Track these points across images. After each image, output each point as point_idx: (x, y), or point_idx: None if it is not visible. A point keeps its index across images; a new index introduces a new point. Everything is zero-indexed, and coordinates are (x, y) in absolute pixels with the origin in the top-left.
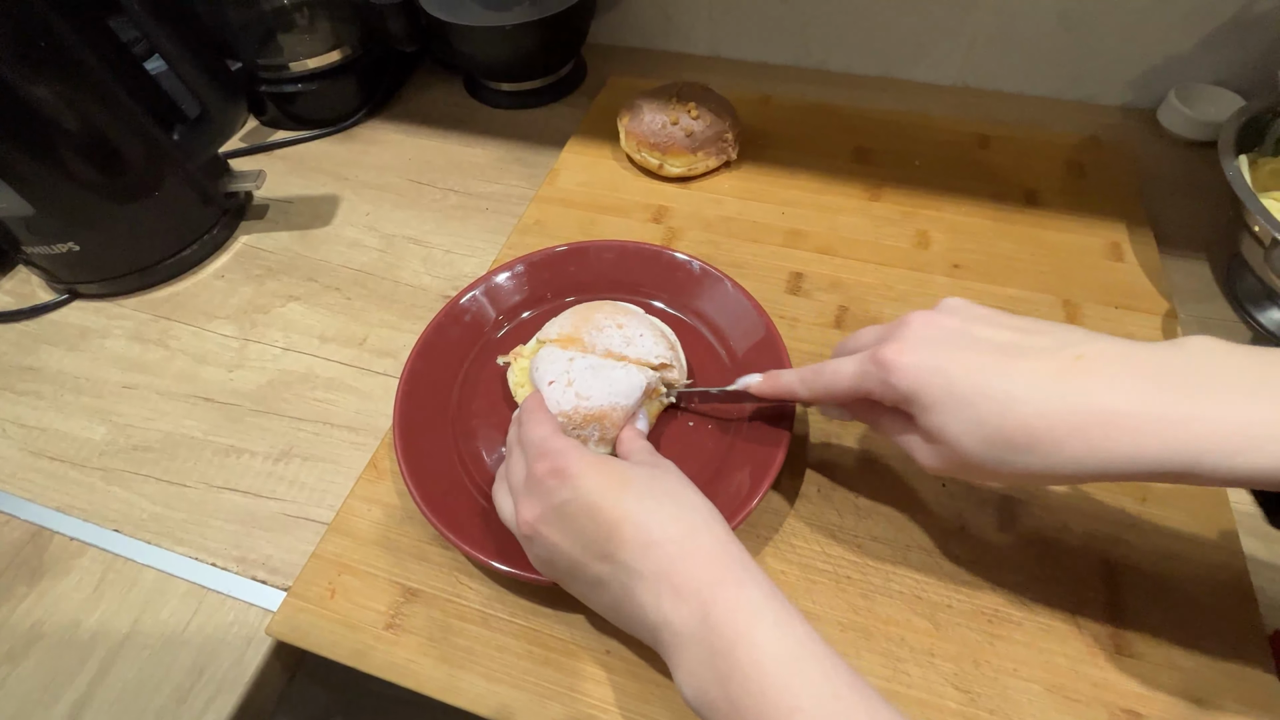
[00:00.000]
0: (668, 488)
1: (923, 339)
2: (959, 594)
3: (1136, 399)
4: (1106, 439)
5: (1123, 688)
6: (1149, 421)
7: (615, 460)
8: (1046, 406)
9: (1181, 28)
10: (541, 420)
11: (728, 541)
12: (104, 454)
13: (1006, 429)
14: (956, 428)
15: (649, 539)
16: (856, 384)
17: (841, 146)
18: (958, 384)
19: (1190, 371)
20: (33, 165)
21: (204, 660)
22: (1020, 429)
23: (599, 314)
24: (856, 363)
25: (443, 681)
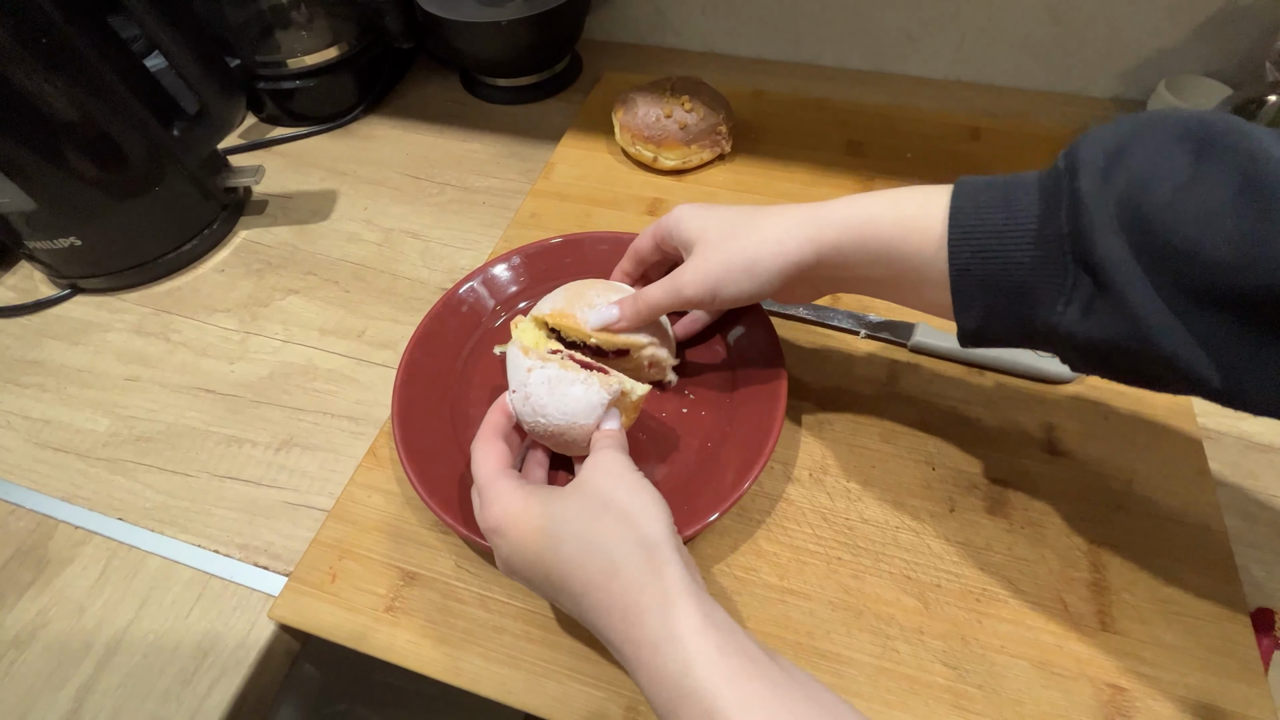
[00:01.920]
0: (579, 529)
1: (695, 207)
2: (948, 574)
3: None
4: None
5: (1108, 663)
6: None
7: (538, 503)
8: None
9: (1170, 19)
10: (486, 454)
11: (642, 576)
12: (108, 445)
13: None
14: (711, 258)
15: (576, 590)
16: (652, 240)
17: (834, 140)
18: (711, 231)
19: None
20: (34, 161)
21: (208, 644)
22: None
23: (591, 290)
24: (650, 228)
25: (442, 662)
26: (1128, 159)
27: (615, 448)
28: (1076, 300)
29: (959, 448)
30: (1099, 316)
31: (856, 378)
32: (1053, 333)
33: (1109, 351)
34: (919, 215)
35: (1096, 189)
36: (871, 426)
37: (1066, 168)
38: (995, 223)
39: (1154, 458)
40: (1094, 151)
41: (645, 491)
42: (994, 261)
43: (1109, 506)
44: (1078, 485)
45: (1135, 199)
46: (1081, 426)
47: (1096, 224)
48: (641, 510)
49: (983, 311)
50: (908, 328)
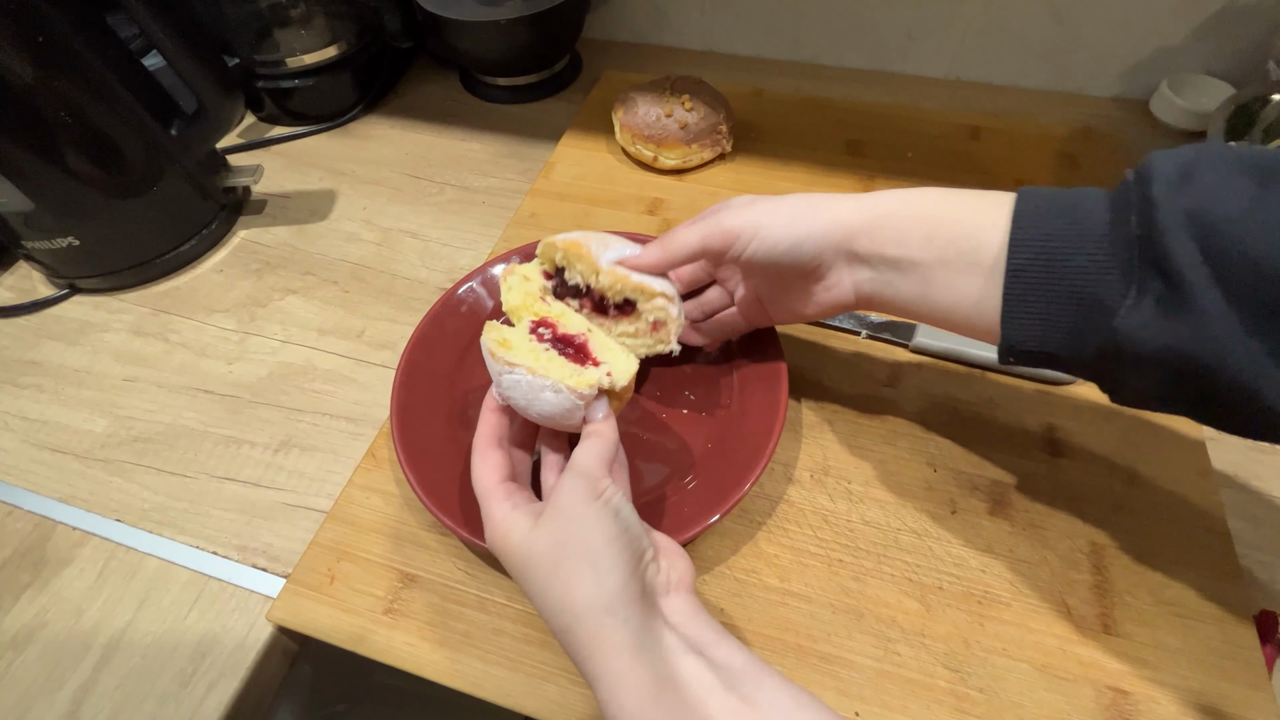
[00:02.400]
0: (543, 581)
1: (742, 201)
2: (949, 576)
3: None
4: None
5: (1110, 666)
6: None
7: (518, 535)
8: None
9: (1172, 18)
10: (480, 467)
11: (590, 644)
12: (106, 445)
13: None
14: (760, 240)
15: (554, 625)
16: (701, 238)
17: (834, 139)
18: (765, 224)
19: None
20: (32, 161)
21: (206, 646)
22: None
23: (612, 237)
24: (697, 223)
25: (440, 665)
26: (1196, 177)
27: (590, 459)
28: (1145, 303)
29: (960, 449)
30: (1168, 321)
31: (858, 378)
32: (1112, 346)
33: (1171, 366)
34: (979, 207)
35: (1169, 196)
36: (873, 428)
37: (1137, 179)
38: (1059, 227)
39: (1156, 459)
40: (1165, 166)
41: (602, 529)
42: (1056, 266)
43: (1111, 508)
44: (1080, 486)
45: (1205, 212)
46: (1083, 427)
47: (1169, 226)
48: (596, 560)
49: (1034, 320)
50: (909, 328)
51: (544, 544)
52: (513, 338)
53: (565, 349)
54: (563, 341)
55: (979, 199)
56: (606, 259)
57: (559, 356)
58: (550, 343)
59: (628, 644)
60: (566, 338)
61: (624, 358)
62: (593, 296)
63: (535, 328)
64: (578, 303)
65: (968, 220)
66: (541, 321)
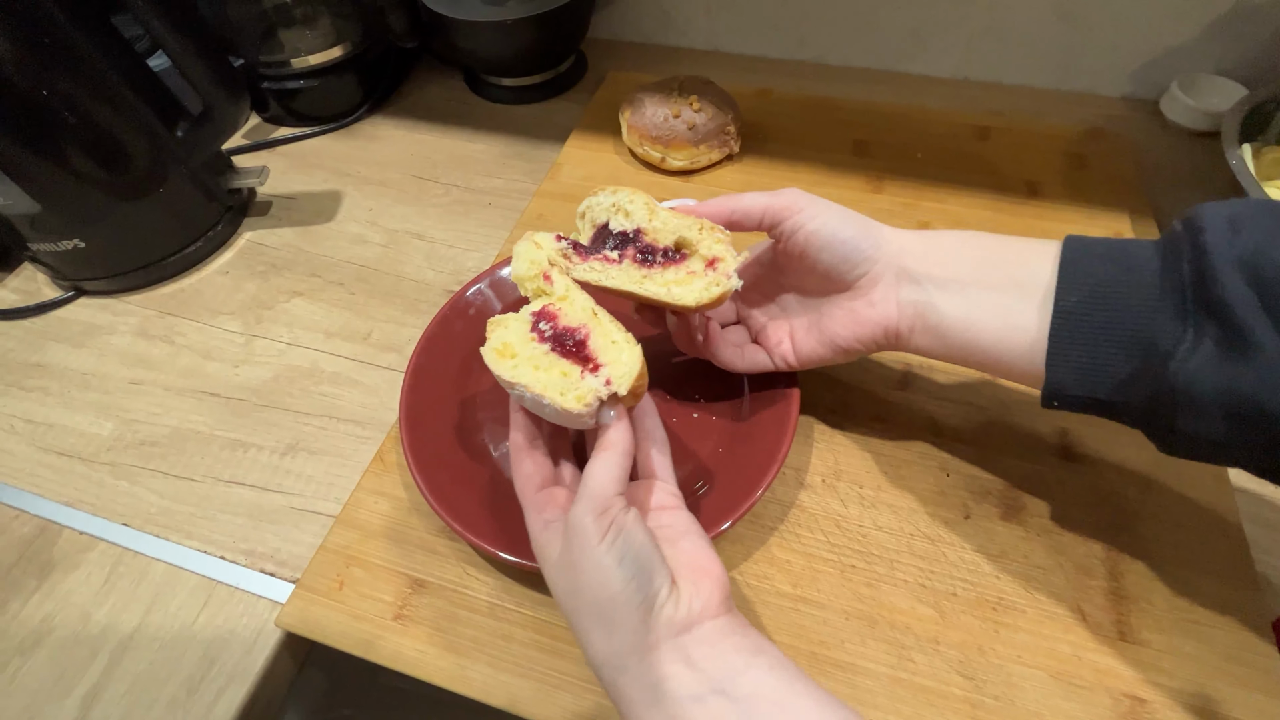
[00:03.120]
0: (572, 606)
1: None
2: (963, 582)
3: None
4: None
5: (1127, 674)
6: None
7: (551, 557)
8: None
9: (1182, 17)
10: (517, 474)
11: (617, 677)
12: (112, 449)
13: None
14: (821, 220)
15: (580, 644)
16: (766, 205)
17: (841, 140)
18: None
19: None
20: (38, 162)
21: (214, 652)
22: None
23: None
24: (763, 195)
25: (450, 671)
26: (1245, 229)
27: (598, 480)
28: (1203, 347)
29: (973, 453)
30: (1228, 363)
31: (869, 381)
32: (1167, 387)
33: (1233, 406)
34: (1030, 245)
35: (1220, 244)
36: (884, 432)
37: (1186, 229)
38: (1109, 272)
39: (1171, 463)
40: (1214, 217)
41: (608, 579)
42: (1106, 309)
43: (1126, 513)
44: (1094, 491)
45: (1259, 258)
46: (1096, 431)
47: (1223, 271)
48: (604, 615)
49: (1082, 364)
50: None
51: (563, 586)
52: (513, 340)
53: (566, 348)
54: (563, 337)
55: (1029, 240)
56: (667, 203)
57: (559, 360)
58: (550, 340)
59: (643, 700)
60: (567, 332)
61: (626, 353)
62: (639, 244)
63: (536, 322)
64: (618, 254)
65: (1020, 253)
66: (542, 313)
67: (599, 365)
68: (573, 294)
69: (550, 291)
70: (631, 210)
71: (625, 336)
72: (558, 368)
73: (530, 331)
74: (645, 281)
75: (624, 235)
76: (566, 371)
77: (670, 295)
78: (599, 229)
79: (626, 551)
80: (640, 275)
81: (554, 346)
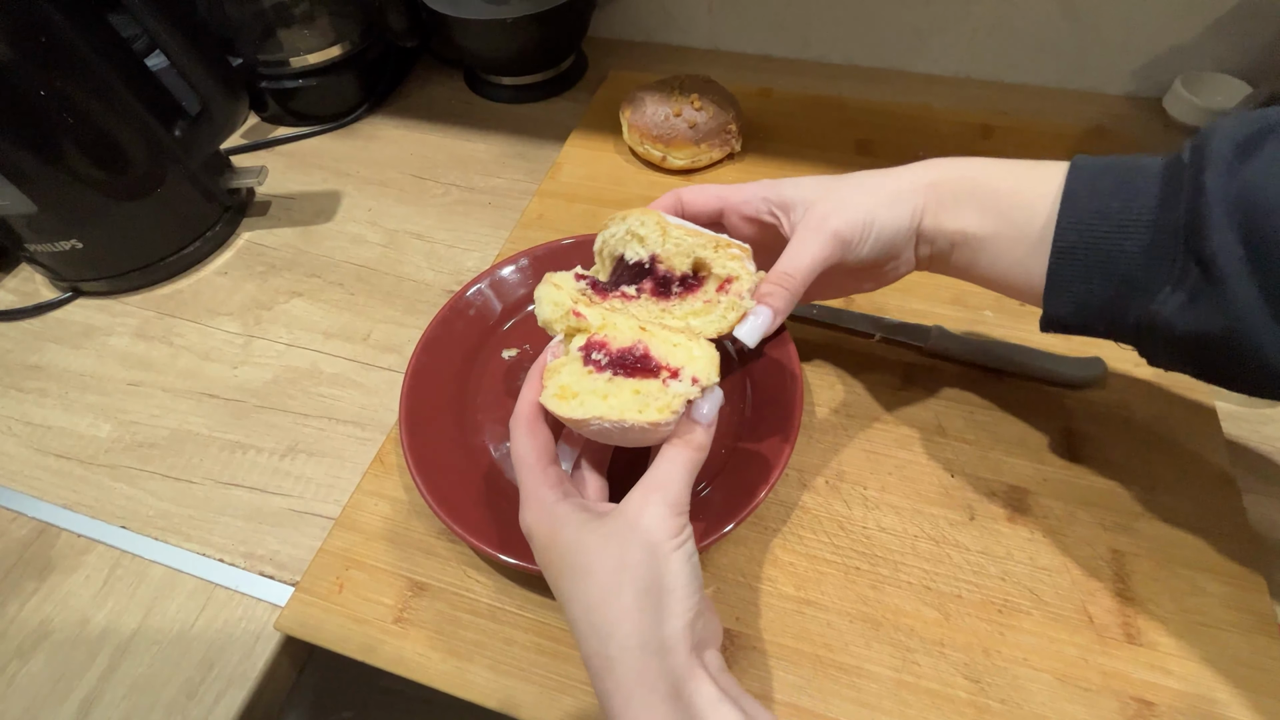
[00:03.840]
0: (593, 599)
1: (814, 188)
2: (968, 584)
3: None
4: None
5: (1133, 676)
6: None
7: (571, 530)
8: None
9: (1186, 15)
10: (526, 444)
11: (633, 688)
12: (110, 451)
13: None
14: (847, 194)
15: (580, 646)
16: (821, 257)
17: (844, 139)
18: (817, 186)
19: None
20: (35, 163)
21: (213, 655)
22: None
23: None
24: (806, 238)
25: (451, 675)
26: (1256, 154)
27: (678, 482)
28: (1182, 291)
29: (977, 453)
30: (1201, 309)
31: (872, 382)
32: (1148, 324)
33: (1203, 347)
34: (1032, 177)
35: (1219, 182)
36: (888, 432)
37: (1192, 160)
38: (1109, 209)
39: (1177, 462)
40: (1223, 145)
41: (679, 572)
42: (1102, 248)
43: (1132, 513)
44: (1099, 492)
45: (1254, 197)
46: (1102, 430)
47: (1214, 218)
48: (663, 600)
49: (1077, 297)
50: (924, 330)
51: (609, 562)
52: (570, 381)
53: (630, 366)
54: (623, 359)
55: (1032, 168)
56: (674, 221)
57: (625, 381)
58: (610, 367)
59: (667, 690)
60: (624, 353)
61: (699, 349)
62: (655, 275)
63: (587, 355)
64: (635, 289)
65: (1021, 189)
66: (590, 344)
67: (676, 371)
68: (611, 319)
69: (587, 326)
70: (644, 234)
71: (686, 336)
72: (626, 388)
73: (585, 366)
74: (664, 316)
75: (640, 266)
76: (638, 389)
77: (689, 329)
78: (618, 261)
79: (692, 555)
80: (659, 309)
81: (616, 371)
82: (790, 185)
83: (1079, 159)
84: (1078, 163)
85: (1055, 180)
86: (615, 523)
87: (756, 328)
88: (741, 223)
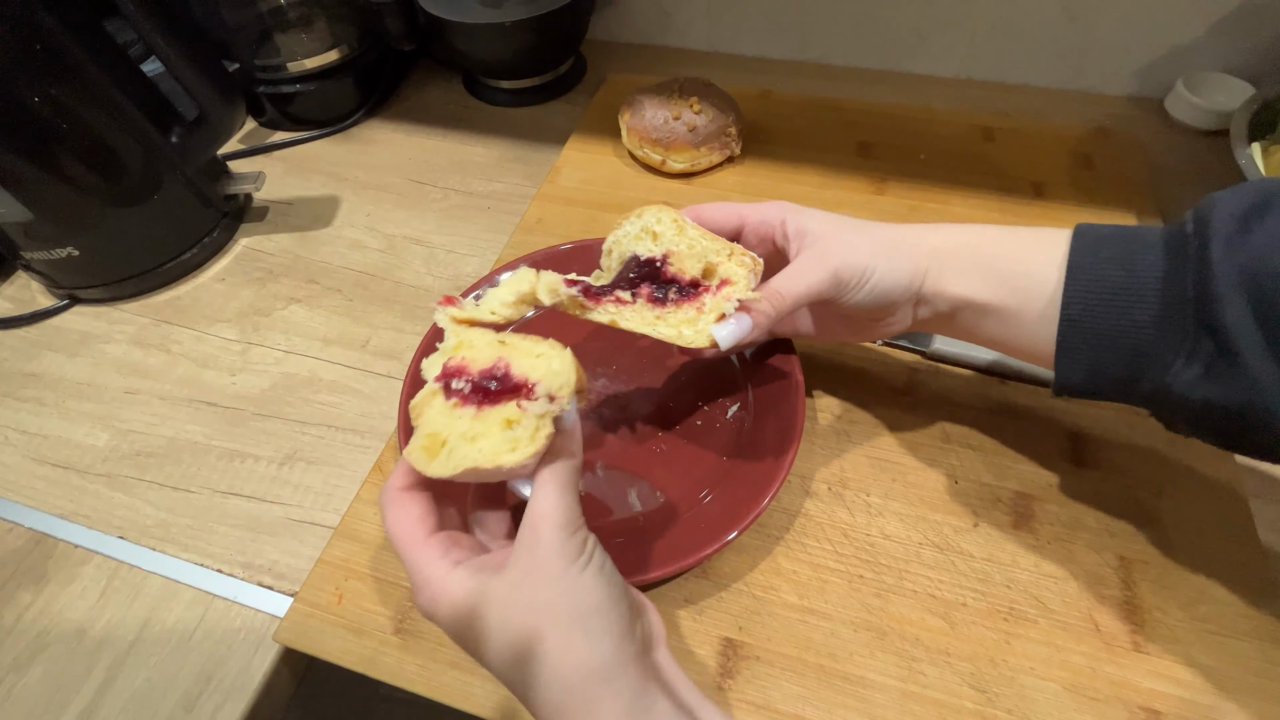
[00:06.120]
0: (515, 657)
1: (822, 222)
2: (974, 592)
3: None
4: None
5: (1142, 685)
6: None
7: (468, 605)
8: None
9: (1188, 15)
10: (399, 518)
11: (597, 690)
12: (107, 460)
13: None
14: (852, 238)
15: (537, 700)
16: (815, 289)
17: (844, 141)
18: (829, 223)
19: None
20: (30, 170)
21: (211, 667)
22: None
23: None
24: (805, 267)
25: (452, 686)
26: (1258, 227)
27: (561, 499)
28: (1196, 363)
29: (982, 459)
30: (1216, 381)
31: (874, 387)
32: (1162, 395)
33: (1220, 417)
34: (1036, 244)
35: (1225, 255)
36: (891, 438)
37: (1196, 232)
38: (1115, 279)
39: (1185, 469)
40: (1224, 217)
41: (592, 590)
42: (1110, 319)
43: (1139, 520)
44: (1106, 498)
45: (1260, 269)
46: (1108, 436)
47: (1224, 291)
48: (588, 625)
49: (1088, 366)
50: (927, 336)
51: (519, 611)
52: (436, 426)
53: (491, 390)
54: (482, 384)
55: (1036, 237)
56: (721, 338)
57: (491, 410)
58: (471, 396)
59: (623, 713)
60: (484, 375)
61: (556, 360)
62: (660, 277)
63: (447, 385)
64: (631, 293)
65: (1026, 258)
66: (447, 371)
67: (532, 387)
68: (467, 336)
69: (446, 347)
70: (660, 230)
71: (546, 345)
72: (494, 422)
73: (447, 399)
74: (658, 323)
75: (649, 264)
76: (510, 417)
77: (683, 338)
78: (627, 263)
79: (603, 565)
80: (654, 316)
81: (480, 400)
82: (809, 215)
83: (1081, 227)
84: (1081, 230)
85: (1060, 248)
86: (516, 568)
87: (733, 333)
88: (757, 242)
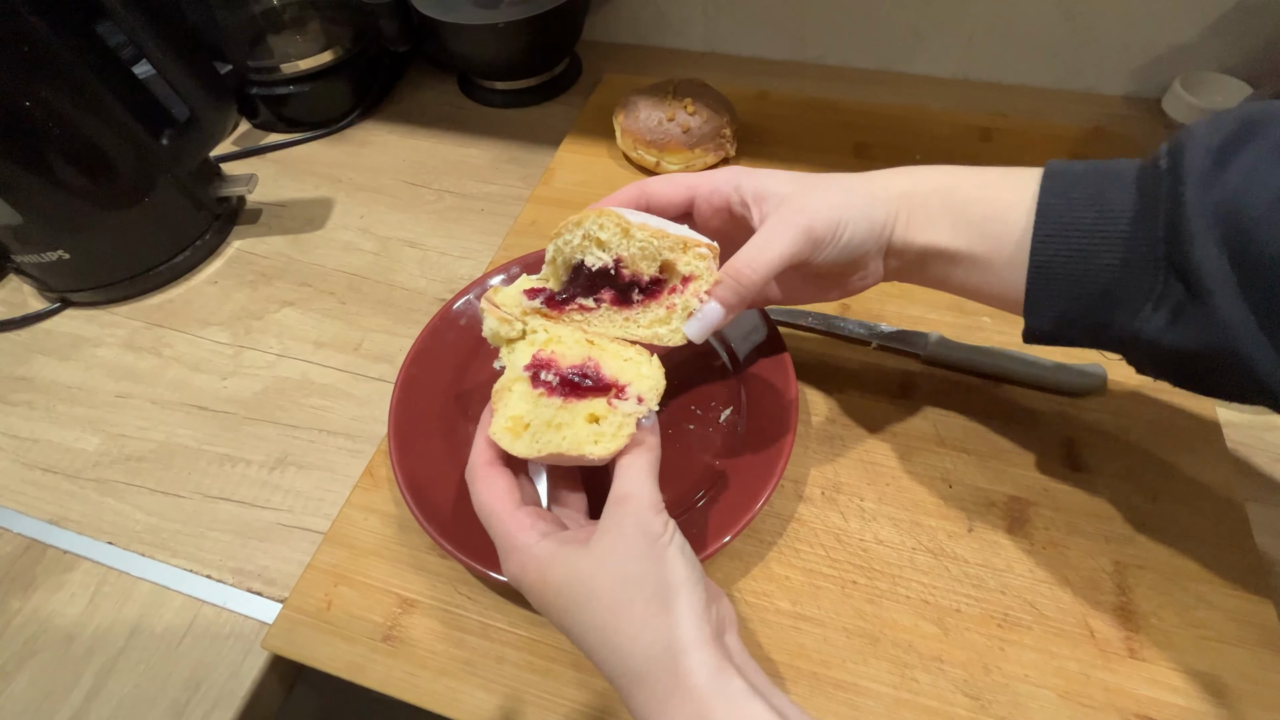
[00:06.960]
0: (603, 620)
1: (783, 183)
2: (967, 598)
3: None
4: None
5: (1137, 692)
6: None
7: (561, 567)
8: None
9: (1185, 15)
10: (489, 490)
11: (668, 689)
12: (98, 465)
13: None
14: (824, 194)
15: (607, 673)
16: (790, 253)
17: (841, 142)
18: (792, 182)
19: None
20: (20, 173)
21: (200, 674)
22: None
23: (628, 210)
24: (775, 231)
25: (442, 694)
26: (1231, 164)
27: (645, 484)
28: (1164, 307)
29: (976, 463)
30: (1186, 325)
31: (868, 390)
32: (1131, 339)
33: (1190, 361)
34: (1006, 186)
35: (1199, 195)
36: (885, 442)
37: (1169, 169)
38: (1085, 221)
39: (1179, 472)
40: (1200, 150)
41: (674, 567)
42: (1078, 262)
43: (1134, 525)
44: (1101, 502)
45: (1234, 208)
46: (1103, 440)
47: (1195, 232)
48: (672, 599)
49: (1057, 313)
50: (921, 337)
51: (607, 583)
52: (521, 410)
53: (580, 386)
54: (572, 382)
55: (1007, 177)
56: (635, 219)
57: (577, 404)
58: (560, 389)
59: (704, 689)
60: (574, 371)
61: (645, 365)
62: (619, 280)
63: (535, 375)
64: (594, 300)
65: (995, 199)
66: (536, 362)
67: (623, 388)
68: (556, 331)
69: (533, 339)
70: (605, 237)
71: (633, 350)
72: (579, 415)
73: (534, 388)
74: (628, 325)
75: (603, 272)
76: (592, 414)
77: (656, 337)
78: (574, 269)
79: (684, 547)
80: (622, 319)
81: (566, 394)
82: (767, 176)
83: (1053, 164)
84: (1052, 169)
85: (1029, 189)
86: (603, 542)
87: (704, 324)
88: (711, 213)
